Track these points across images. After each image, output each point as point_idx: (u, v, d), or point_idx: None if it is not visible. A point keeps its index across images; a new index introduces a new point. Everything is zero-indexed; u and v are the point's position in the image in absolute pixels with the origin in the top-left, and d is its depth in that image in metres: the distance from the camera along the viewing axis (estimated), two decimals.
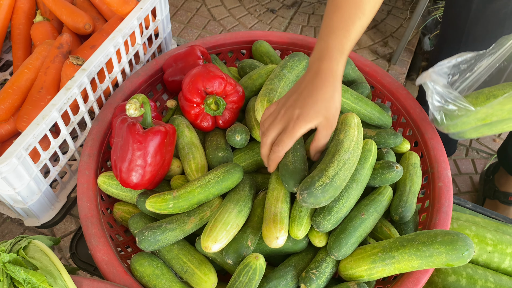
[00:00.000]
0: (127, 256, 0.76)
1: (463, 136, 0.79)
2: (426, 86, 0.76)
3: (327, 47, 0.66)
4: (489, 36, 1.10)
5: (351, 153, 0.68)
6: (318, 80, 0.65)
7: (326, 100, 0.64)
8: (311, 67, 0.67)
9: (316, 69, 0.66)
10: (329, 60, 0.65)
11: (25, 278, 0.58)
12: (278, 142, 0.65)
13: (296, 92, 0.66)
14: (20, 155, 0.69)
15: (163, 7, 0.98)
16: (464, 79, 0.83)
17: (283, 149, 0.65)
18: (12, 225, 1.37)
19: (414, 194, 0.75)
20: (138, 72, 0.89)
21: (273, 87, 0.78)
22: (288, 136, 0.64)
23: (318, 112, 0.63)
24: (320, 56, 0.66)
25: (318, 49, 0.68)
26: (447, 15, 1.19)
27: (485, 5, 1.03)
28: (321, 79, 0.65)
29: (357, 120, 0.73)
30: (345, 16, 0.67)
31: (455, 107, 0.73)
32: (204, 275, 0.68)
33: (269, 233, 0.65)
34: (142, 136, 0.69)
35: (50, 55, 0.89)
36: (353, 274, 0.66)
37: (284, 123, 0.65)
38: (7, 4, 1.02)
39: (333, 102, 0.65)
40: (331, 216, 0.66)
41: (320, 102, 0.64)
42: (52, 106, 0.73)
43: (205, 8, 2.03)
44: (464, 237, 0.60)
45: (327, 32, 0.67)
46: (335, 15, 0.68)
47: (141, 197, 0.73)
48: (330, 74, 0.65)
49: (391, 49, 1.88)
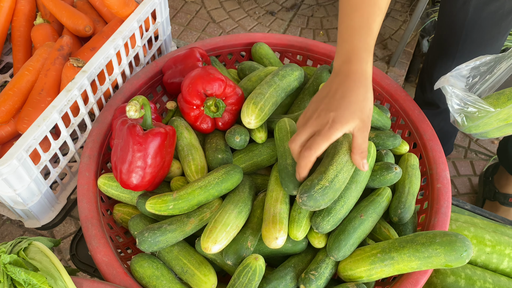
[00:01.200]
0: (127, 258, 0.76)
1: (486, 136, 0.81)
2: (445, 90, 0.78)
3: (354, 48, 0.65)
4: (486, 37, 1.11)
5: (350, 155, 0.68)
6: (350, 81, 0.63)
7: (360, 101, 0.62)
8: (339, 70, 0.65)
9: (346, 72, 0.64)
10: (359, 61, 0.64)
11: (25, 279, 0.58)
12: (311, 145, 0.61)
13: (327, 95, 0.64)
14: (21, 156, 0.69)
15: (163, 9, 0.99)
16: (484, 81, 0.84)
17: (316, 152, 0.61)
18: (11, 227, 1.37)
19: (413, 195, 0.76)
20: (138, 74, 0.90)
21: (261, 91, 0.78)
22: (323, 139, 0.60)
23: (353, 113, 0.61)
24: (347, 58, 0.65)
25: (343, 51, 0.66)
26: (443, 19, 1.20)
27: (482, 7, 1.04)
28: (353, 81, 0.63)
29: None
30: (365, 15, 0.66)
31: (475, 109, 0.75)
32: (204, 276, 0.68)
33: (269, 233, 0.65)
34: (142, 138, 0.69)
35: (51, 57, 0.89)
36: (353, 275, 0.67)
37: (318, 126, 0.62)
38: (8, 6, 1.02)
39: (367, 103, 0.63)
40: (330, 217, 0.67)
41: (355, 103, 0.62)
42: (53, 108, 0.74)
43: (204, 10, 2.04)
44: (463, 238, 0.61)
45: (350, 33, 0.66)
46: (355, 15, 0.66)
47: (141, 198, 0.74)
48: (361, 74, 0.64)
49: (389, 51, 1.89)
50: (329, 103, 0.63)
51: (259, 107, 0.76)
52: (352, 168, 0.68)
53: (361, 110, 0.62)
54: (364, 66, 0.64)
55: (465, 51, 1.16)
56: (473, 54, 1.16)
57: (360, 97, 0.63)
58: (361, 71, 0.64)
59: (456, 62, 1.20)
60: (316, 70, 0.91)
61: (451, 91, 0.76)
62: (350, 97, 0.62)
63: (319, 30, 2.02)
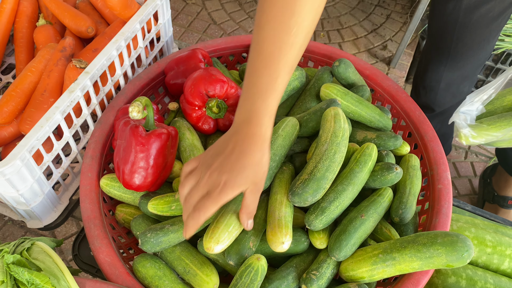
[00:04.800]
0: (129, 258, 0.76)
1: (493, 146, 0.85)
2: (457, 123, 0.84)
3: (255, 110, 0.61)
4: (477, 40, 1.12)
5: (329, 144, 0.71)
6: (246, 144, 0.61)
7: (255, 165, 0.60)
8: (238, 127, 0.62)
9: (245, 133, 0.61)
10: (259, 125, 0.61)
11: (28, 279, 0.58)
12: (201, 207, 0.59)
13: (222, 154, 0.61)
14: (24, 157, 0.70)
15: (165, 10, 0.99)
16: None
17: (205, 215, 0.59)
18: (13, 228, 1.38)
19: (414, 196, 0.76)
20: (140, 75, 0.90)
21: None
22: (213, 202, 0.59)
23: (246, 178, 0.60)
24: (247, 118, 0.61)
25: (245, 109, 0.62)
26: (433, 24, 1.20)
27: (473, 11, 1.05)
28: (250, 144, 0.61)
29: (334, 111, 0.75)
30: (273, 76, 0.60)
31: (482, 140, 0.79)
32: (206, 276, 0.68)
33: (275, 238, 0.66)
34: (145, 138, 0.69)
35: (53, 58, 0.90)
36: (354, 275, 0.67)
37: (209, 188, 0.60)
38: (10, 8, 1.02)
39: (261, 167, 0.61)
40: (323, 216, 0.68)
41: (249, 167, 0.60)
42: (56, 109, 0.74)
43: (205, 12, 2.04)
44: (464, 238, 0.61)
45: (255, 92, 0.61)
46: (264, 73, 0.61)
47: (143, 199, 0.74)
48: (259, 138, 0.61)
49: (390, 52, 1.90)
50: (223, 164, 0.60)
51: None
52: (334, 154, 0.70)
53: (254, 174, 0.60)
54: (263, 130, 0.61)
55: (457, 54, 1.16)
56: (465, 57, 1.17)
57: (255, 161, 0.60)
58: (260, 134, 0.61)
59: (449, 66, 1.21)
60: (317, 71, 0.91)
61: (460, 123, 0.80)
62: (245, 161, 0.60)
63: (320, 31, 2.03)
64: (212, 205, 0.59)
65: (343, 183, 0.71)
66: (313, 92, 0.88)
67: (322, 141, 0.72)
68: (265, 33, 0.60)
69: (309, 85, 0.90)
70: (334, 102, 0.80)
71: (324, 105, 0.80)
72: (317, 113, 0.80)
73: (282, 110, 0.89)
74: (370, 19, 2.07)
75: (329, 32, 2.02)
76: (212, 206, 0.59)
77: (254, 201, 0.63)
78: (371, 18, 2.08)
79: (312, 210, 0.69)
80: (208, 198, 0.59)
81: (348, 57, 0.94)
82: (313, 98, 0.87)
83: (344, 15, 2.10)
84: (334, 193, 0.70)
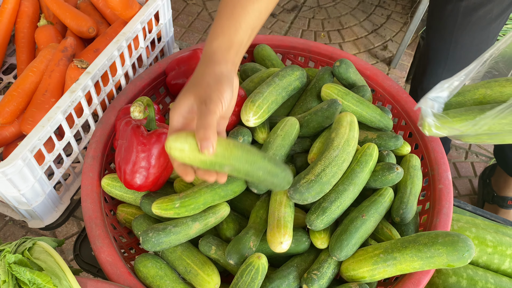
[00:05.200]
0: (131, 258, 0.76)
1: (461, 140, 0.80)
2: (423, 110, 0.77)
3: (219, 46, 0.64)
4: (475, 42, 1.11)
5: (340, 151, 0.71)
6: (211, 68, 0.62)
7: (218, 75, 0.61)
8: (204, 62, 0.65)
9: (209, 65, 0.63)
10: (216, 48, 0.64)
11: (30, 278, 0.58)
12: (203, 125, 0.58)
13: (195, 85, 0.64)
14: (26, 157, 0.70)
15: (166, 11, 0.99)
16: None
17: (210, 130, 0.57)
18: (14, 228, 1.38)
19: (414, 196, 0.76)
20: (141, 75, 0.90)
21: (260, 91, 0.80)
22: (209, 115, 0.58)
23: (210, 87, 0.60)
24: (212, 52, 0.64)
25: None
26: (432, 26, 1.20)
27: (471, 13, 1.05)
28: (210, 65, 0.62)
29: (351, 118, 0.75)
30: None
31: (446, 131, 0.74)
32: (207, 275, 0.68)
33: (274, 238, 0.66)
34: (146, 138, 0.69)
35: (55, 58, 0.90)
36: (355, 275, 0.67)
37: (199, 114, 0.59)
38: (11, 8, 1.03)
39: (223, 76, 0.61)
40: (324, 216, 0.68)
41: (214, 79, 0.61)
42: (57, 109, 0.74)
43: (206, 12, 2.05)
44: (465, 238, 0.61)
45: (218, 32, 0.65)
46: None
47: (144, 199, 0.74)
48: (221, 59, 0.62)
49: (390, 53, 1.90)
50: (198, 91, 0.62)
51: (257, 104, 0.77)
52: (343, 162, 0.70)
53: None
54: (225, 57, 0.63)
55: (455, 56, 1.16)
56: (463, 60, 1.17)
57: (217, 73, 0.62)
58: (221, 59, 0.63)
59: (447, 68, 1.21)
60: (318, 72, 0.91)
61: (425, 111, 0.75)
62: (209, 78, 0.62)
63: (320, 31, 2.03)
64: (211, 118, 0.56)
65: (344, 183, 0.71)
66: (314, 92, 0.88)
67: (334, 146, 0.71)
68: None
69: (310, 85, 0.90)
70: (335, 102, 0.80)
71: (325, 105, 0.80)
72: (318, 113, 0.80)
73: (283, 110, 0.89)
74: (371, 20, 2.07)
75: (330, 33, 2.02)
76: (210, 120, 0.56)
77: (207, 113, 0.58)
78: (372, 19, 2.08)
79: (313, 210, 0.69)
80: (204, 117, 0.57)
81: (348, 57, 0.94)
82: (314, 98, 0.87)
83: (345, 15, 2.11)
84: (335, 193, 0.70)
